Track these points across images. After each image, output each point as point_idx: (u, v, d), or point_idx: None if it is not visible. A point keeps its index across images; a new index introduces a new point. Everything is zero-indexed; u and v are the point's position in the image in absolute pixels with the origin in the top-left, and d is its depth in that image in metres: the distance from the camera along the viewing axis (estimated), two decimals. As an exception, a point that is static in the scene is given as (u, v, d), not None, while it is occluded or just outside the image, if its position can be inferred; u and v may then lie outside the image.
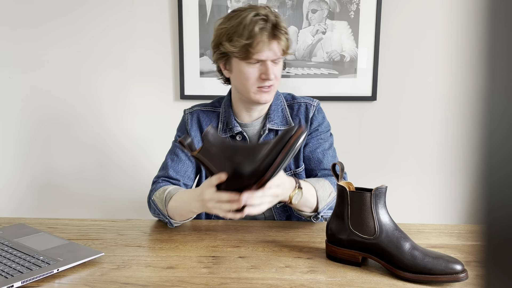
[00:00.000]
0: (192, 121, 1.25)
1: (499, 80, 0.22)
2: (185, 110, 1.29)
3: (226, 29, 1.10)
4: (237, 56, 1.09)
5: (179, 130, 1.29)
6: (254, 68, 1.10)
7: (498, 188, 0.23)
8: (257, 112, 1.21)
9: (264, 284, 0.79)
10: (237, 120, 1.22)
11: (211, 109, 1.26)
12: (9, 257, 0.87)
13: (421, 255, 0.81)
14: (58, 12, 1.92)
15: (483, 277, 0.24)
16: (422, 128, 1.93)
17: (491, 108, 0.23)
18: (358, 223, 0.87)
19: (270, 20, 1.08)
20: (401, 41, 1.87)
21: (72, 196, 2.05)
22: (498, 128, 0.23)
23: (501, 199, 0.23)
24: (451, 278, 0.78)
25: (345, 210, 0.89)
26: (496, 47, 0.22)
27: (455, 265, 0.79)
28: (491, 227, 0.24)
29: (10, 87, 1.98)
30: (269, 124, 1.19)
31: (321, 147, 1.21)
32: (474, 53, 0.23)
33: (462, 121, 1.88)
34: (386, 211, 0.86)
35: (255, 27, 1.05)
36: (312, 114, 1.22)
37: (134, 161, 2.01)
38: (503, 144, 0.22)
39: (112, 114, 1.98)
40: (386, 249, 0.83)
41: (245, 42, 1.06)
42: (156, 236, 1.05)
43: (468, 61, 1.73)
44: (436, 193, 1.97)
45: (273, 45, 1.08)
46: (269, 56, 1.09)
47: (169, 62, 1.93)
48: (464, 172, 1.93)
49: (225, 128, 1.21)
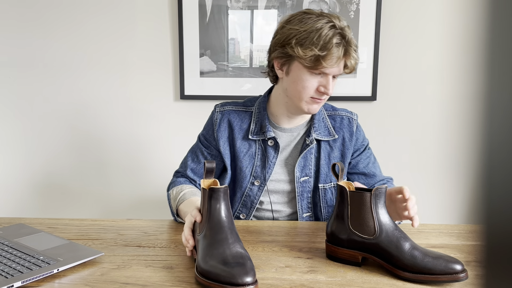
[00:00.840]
0: (221, 122, 1.19)
1: (499, 79, 0.22)
2: (215, 107, 1.23)
3: (297, 31, 1.05)
4: (304, 63, 1.05)
5: (206, 128, 1.24)
6: (315, 78, 1.07)
7: (498, 188, 0.23)
8: (299, 119, 1.19)
9: (264, 284, 0.79)
10: (273, 123, 1.19)
11: (243, 109, 1.21)
12: (9, 257, 0.87)
13: (421, 255, 0.81)
14: (58, 13, 1.92)
15: (483, 277, 0.24)
16: (422, 128, 1.93)
17: (491, 108, 0.23)
18: (358, 223, 0.87)
19: (346, 36, 1.05)
20: (401, 41, 1.87)
21: (72, 196, 2.05)
22: (498, 128, 0.23)
23: (501, 199, 0.23)
24: (451, 278, 0.78)
25: (345, 210, 0.89)
26: (496, 46, 0.22)
27: (455, 265, 0.79)
28: (491, 227, 0.24)
29: (10, 87, 1.98)
30: (315, 134, 1.17)
31: (371, 161, 1.23)
32: (474, 53, 0.23)
33: (462, 121, 1.88)
34: (386, 211, 0.86)
35: (333, 40, 1.02)
36: (355, 128, 1.22)
37: (134, 161, 2.01)
38: (503, 144, 0.22)
39: (112, 114, 1.98)
40: (386, 249, 0.83)
41: (319, 53, 1.02)
42: (156, 236, 1.05)
43: (468, 61, 1.73)
44: (436, 193, 1.97)
45: (342, 62, 1.07)
46: (335, 72, 1.07)
47: (169, 62, 1.93)
48: (464, 172, 1.93)
49: (257, 131, 1.18)
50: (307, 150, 1.17)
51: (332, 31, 1.03)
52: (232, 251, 0.79)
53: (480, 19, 0.23)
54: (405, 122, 1.93)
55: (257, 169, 1.18)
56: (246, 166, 1.18)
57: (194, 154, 1.23)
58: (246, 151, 1.18)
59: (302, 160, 1.17)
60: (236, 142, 1.18)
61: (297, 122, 1.20)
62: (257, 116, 1.19)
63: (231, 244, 0.80)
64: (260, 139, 1.18)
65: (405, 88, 1.91)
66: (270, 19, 1.87)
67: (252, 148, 1.18)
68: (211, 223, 0.83)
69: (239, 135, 1.19)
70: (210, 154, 1.22)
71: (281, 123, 1.19)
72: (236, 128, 1.19)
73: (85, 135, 2.01)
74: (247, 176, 1.19)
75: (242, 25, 1.88)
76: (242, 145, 1.18)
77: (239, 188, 1.20)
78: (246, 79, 1.91)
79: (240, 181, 1.19)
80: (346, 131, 1.20)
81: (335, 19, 1.05)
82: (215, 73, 1.91)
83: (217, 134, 1.19)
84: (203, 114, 1.96)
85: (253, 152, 1.18)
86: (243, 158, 1.18)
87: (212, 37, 1.88)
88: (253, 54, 1.89)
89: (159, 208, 2.03)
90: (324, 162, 1.18)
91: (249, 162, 1.18)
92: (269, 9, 1.86)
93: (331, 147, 1.19)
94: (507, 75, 0.22)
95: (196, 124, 1.97)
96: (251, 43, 1.88)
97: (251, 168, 1.18)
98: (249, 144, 1.18)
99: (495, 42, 0.22)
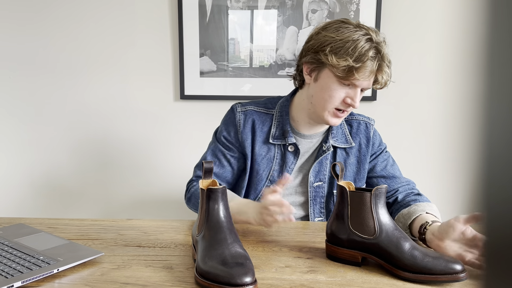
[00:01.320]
0: (246, 122, 1.17)
1: (499, 79, 0.22)
2: (236, 107, 1.19)
3: (333, 39, 1.04)
4: (336, 73, 1.04)
5: (226, 129, 1.19)
6: (343, 89, 1.06)
7: (498, 188, 0.23)
8: (318, 126, 1.18)
9: (264, 284, 0.79)
10: (294, 128, 1.18)
11: (264, 111, 1.18)
12: (9, 257, 0.87)
13: (421, 255, 0.81)
14: (58, 13, 1.92)
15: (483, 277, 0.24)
16: (422, 128, 1.93)
17: (491, 107, 0.23)
18: (358, 223, 0.87)
19: (381, 51, 1.04)
20: (401, 41, 1.87)
21: (72, 196, 2.05)
22: (498, 128, 0.23)
23: (501, 199, 0.23)
24: (451, 278, 0.78)
25: (345, 210, 0.89)
26: (496, 47, 0.22)
27: (455, 265, 0.79)
28: (491, 227, 0.24)
29: (10, 87, 1.98)
30: (332, 141, 1.16)
31: (389, 163, 1.22)
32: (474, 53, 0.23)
33: (462, 121, 1.88)
34: (386, 211, 0.86)
35: (368, 53, 1.02)
36: (372, 133, 1.21)
37: (134, 161, 2.01)
38: (503, 144, 0.22)
39: (112, 114, 1.98)
40: (386, 249, 0.83)
41: (353, 64, 1.01)
42: (156, 236, 1.05)
43: (467, 61, 1.73)
44: (436, 193, 1.97)
45: (372, 77, 1.07)
46: (365, 85, 1.06)
47: (169, 62, 1.93)
48: (464, 172, 1.93)
49: (278, 135, 1.16)
50: (323, 156, 1.16)
51: (368, 44, 1.02)
52: (231, 251, 0.79)
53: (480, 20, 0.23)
54: (405, 122, 1.93)
55: (274, 173, 1.17)
56: (263, 169, 1.17)
57: (214, 157, 1.18)
58: (264, 154, 1.17)
59: (317, 166, 1.17)
60: (256, 144, 1.16)
61: (317, 129, 1.19)
62: (278, 119, 1.17)
63: (230, 244, 0.80)
64: (280, 144, 1.17)
65: (405, 88, 1.91)
66: (270, 19, 1.87)
67: (271, 152, 1.17)
68: (209, 224, 0.83)
69: (260, 137, 1.17)
70: (233, 157, 1.18)
71: (301, 129, 1.18)
72: (258, 130, 1.17)
73: (85, 135, 2.01)
74: (263, 180, 1.17)
75: (242, 25, 1.88)
76: (261, 148, 1.16)
77: (254, 191, 1.19)
78: (246, 79, 1.91)
79: (255, 184, 1.18)
80: (363, 137, 1.20)
81: (372, 33, 1.04)
82: (215, 73, 1.91)
83: (241, 135, 1.17)
84: (203, 114, 1.97)
85: (272, 156, 1.17)
86: (261, 161, 1.17)
87: (212, 37, 1.88)
88: (253, 54, 1.89)
89: (159, 208, 2.03)
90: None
91: (266, 165, 1.17)
92: (269, 9, 1.86)
93: (347, 153, 1.18)
94: (507, 75, 0.22)
95: (196, 124, 1.97)
96: (251, 43, 1.88)
97: (268, 172, 1.17)
98: (268, 148, 1.17)
99: (495, 42, 0.22)
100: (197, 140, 1.99)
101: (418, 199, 1.13)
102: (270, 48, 1.89)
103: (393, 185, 1.19)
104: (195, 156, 1.98)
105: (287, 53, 1.88)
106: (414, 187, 1.20)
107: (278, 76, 1.90)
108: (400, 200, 1.15)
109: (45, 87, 1.98)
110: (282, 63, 1.89)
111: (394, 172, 1.21)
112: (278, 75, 1.90)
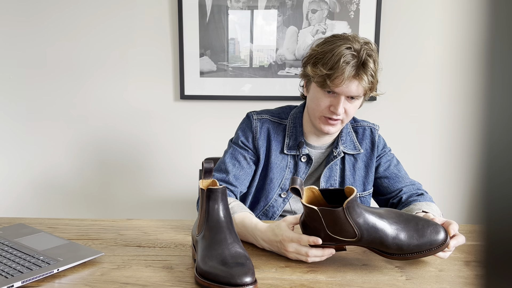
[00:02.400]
0: (261, 130, 1.19)
1: (499, 79, 0.22)
2: (252, 115, 1.22)
3: (317, 52, 1.08)
4: (315, 82, 1.09)
5: (244, 134, 1.20)
6: (327, 97, 1.09)
7: (498, 188, 0.23)
8: (326, 138, 1.20)
9: (264, 284, 0.79)
10: (305, 140, 1.20)
11: (278, 121, 1.21)
12: (9, 257, 0.87)
13: (406, 242, 0.82)
14: (58, 13, 1.92)
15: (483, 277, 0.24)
16: (421, 128, 1.93)
17: (491, 107, 0.23)
18: (336, 231, 0.83)
19: (359, 56, 1.04)
20: (401, 41, 1.87)
21: (72, 196, 2.05)
22: (498, 128, 0.23)
23: (501, 199, 0.23)
24: (437, 250, 0.83)
25: (321, 226, 0.84)
26: (496, 46, 0.22)
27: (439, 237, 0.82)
28: (491, 227, 0.24)
29: (10, 87, 1.98)
30: (342, 146, 1.18)
31: (392, 163, 1.23)
32: (474, 52, 0.23)
33: (462, 121, 1.88)
34: (363, 214, 0.82)
35: (341, 60, 1.02)
36: (377, 138, 1.23)
37: (134, 161, 2.01)
38: (503, 144, 0.22)
39: (112, 114, 1.98)
40: (370, 246, 0.84)
41: (326, 72, 1.04)
42: (156, 236, 1.05)
43: (468, 60, 1.73)
44: (436, 193, 1.97)
45: (353, 83, 1.05)
46: (345, 92, 1.06)
47: (169, 62, 1.93)
48: (464, 172, 1.93)
49: (292, 146, 1.18)
50: (333, 162, 1.18)
51: (345, 51, 1.03)
52: (231, 251, 0.79)
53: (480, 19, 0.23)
54: (405, 122, 1.93)
55: (286, 181, 1.19)
56: (276, 178, 1.19)
57: (234, 160, 1.18)
58: (279, 163, 1.19)
59: (327, 171, 1.19)
60: (272, 153, 1.19)
61: (325, 140, 1.21)
62: (291, 130, 1.20)
63: (230, 244, 0.80)
64: (294, 154, 1.19)
65: (405, 88, 1.91)
66: (270, 19, 1.87)
67: (284, 161, 1.19)
68: (209, 224, 0.83)
69: (275, 147, 1.19)
70: (252, 160, 1.19)
71: (310, 140, 1.20)
72: (273, 139, 1.19)
73: (85, 135, 2.01)
74: (275, 187, 1.19)
75: (242, 25, 1.88)
76: (276, 157, 1.19)
77: (264, 198, 1.20)
78: (246, 79, 1.91)
79: (267, 191, 1.20)
80: (369, 142, 1.22)
81: (355, 42, 1.05)
82: (215, 73, 1.91)
83: (258, 142, 1.19)
84: (203, 114, 1.97)
85: (285, 165, 1.19)
86: (275, 169, 1.19)
87: (212, 37, 1.88)
88: (253, 54, 1.89)
89: (159, 208, 2.03)
90: (349, 173, 1.19)
91: (279, 174, 1.19)
92: (269, 9, 1.86)
93: (355, 158, 1.21)
94: (507, 75, 0.22)
95: (196, 124, 1.97)
96: (251, 43, 1.88)
97: (280, 180, 1.19)
98: (282, 157, 1.19)
99: (495, 41, 0.22)
100: (197, 140, 1.99)
101: (418, 199, 1.13)
102: (270, 48, 1.89)
103: (397, 185, 1.19)
104: (195, 156, 1.98)
105: (287, 53, 1.88)
106: (419, 187, 1.20)
107: (278, 76, 1.90)
108: (403, 200, 1.17)
109: (45, 88, 1.98)
110: (282, 63, 1.89)
111: (397, 172, 1.22)
112: (278, 75, 1.90)
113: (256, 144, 1.19)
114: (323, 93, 1.09)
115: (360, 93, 1.08)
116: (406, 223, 0.84)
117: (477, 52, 0.23)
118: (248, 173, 1.19)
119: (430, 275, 0.84)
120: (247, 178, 1.19)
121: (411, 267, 0.87)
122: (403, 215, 0.86)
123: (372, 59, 1.05)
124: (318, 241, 0.83)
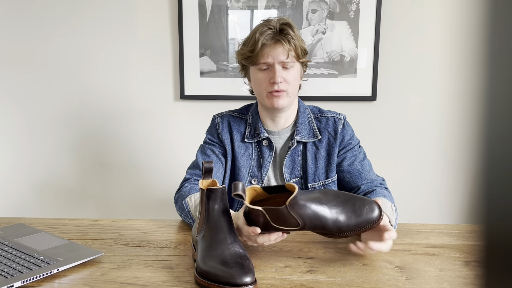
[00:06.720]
0: (223, 124, 1.28)
1: (499, 79, 0.22)
2: (214, 116, 1.32)
3: (243, 42, 1.19)
4: (246, 63, 1.17)
5: (210, 133, 1.30)
6: (264, 73, 1.16)
7: (498, 188, 0.23)
8: (282, 120, 1.24)
9: (264, 284, 0.79)
10: (264, 127, 1.25)
11: (239, 116, 1.29)
12: (9, 257, 0.87)
13: (345, 224, 0.85)
14: (58, 13, 1.92)
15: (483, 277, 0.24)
16: (422, 128, 1.93)
17: (491, 107, 0.23)
18: (280, 223, 0.85)
19: (275, 26, 1.13)
20: (401, 41, 1.87)
21: (72, 196, 2.05)
22: (498, 128, 0.23)
23: (501, 199, 0.23)
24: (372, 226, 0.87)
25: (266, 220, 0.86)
26: (496, 46, 0.22)
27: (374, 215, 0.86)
28: (491, 227, 0.24)
29: (10, 86, 1.99)
30: (297, 137, 1.21)
31: (357, 159, 1.23)
32: (474, 52, 0.23)
33: (462, 120, 1.88)
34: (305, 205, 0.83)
35: (257, 33, 1.13)
36: (340, 127, 1.24)
37: (134, 161, 2.01)
38: (503, 144, 0.22)
39: (112, 114, 1.98)
40: (313, 230, 0.87)
41: (249, 48, 1.14)
42: (156, 236, 1.05)
43: (468, 60, 1.73)
44: (436, 193, 1.97)
45: (278, 49, 1.13)
46: (274, 58, 1.13)
47: (169, 62, 1.93)
48: (464, 172, 1.93)
49: (252, 134, 1.25)
50: (292, 152, 1.22)
51: (260, 27, 1.14)
52: (231, 251, 0.79)
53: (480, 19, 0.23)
54: (405, 122, 1.93)
55: (254, 168, 1.24)
56: (243, 166, 1.24)
57: (204, 155, 1.27)
58: (243, 152, 1.25)
59: (290, 163, 1.23)
60: (235, 143, 1.26)
61: (282, 124, 1.24)
62: (251, 121, 1.26)
63: (230, 244, 0.80)
64: (255, 141, 1.25)
65: (405, 88, 1.91)
66: (270, 19, 1.87)
67: (249, 150, 1.25)
68: (209, 224, 0.83)
69: (237, 137, 1.26)
70: (220, 152, 1.26)
71: (269, 127, 1.25)
72: (235, 131, 1.26)
73: (85, 135, 2.01)
74: (244, 176, 1.24)
75: (242, 25, 1.88)
76: (239, 147, 1.25)
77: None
78: (246, 79, 1.91)
79: (238, 180, 1.23)
80: (331, 131, 1.24)
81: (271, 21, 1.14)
82: (215, 73, 1.91)
83: (221, 135, 1.27)
84: (203, 114, 1.97)
85: (250, 153, 1.25)
86: (241, 158, 1.25)
87: (212, 37, 1.88)
88: (253, 54, 1.89)
89: (159, 208, 2.03)
90: (311, 162, 1.22)
91: (246, 162, 1.25)
92: (269, 9, 1.86)
93: (317, 148, 1.23)
94: (507, 75, 0.22)
95: (196, 124, 1.97)
96: (251, 43, 1.88)
97: (248, 168, 1.25)
98: (246, 146, 1.25)
99: (495, 42, 0.22)
100: (197, 140, 1.98)
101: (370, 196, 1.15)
102: (270, 48, 1.88)
103: (357, 182, 1.22)
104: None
105: (287, 53, 1.88)
106: (377, 184, 1.20)
107: (278, 76, 1.90)
108: None
109: (45, 87, 1.98)
110: (282, 63, 1.89)
111: (360, 169, 1.22)
112: (278, 75, 1.90)
113: (221, 137, 1.26)
114: (259, 70, 1.16)
115: (289, 58, 1.13)
116: (344, 205, 0.87)
117: (477, 51, 0.23)
118: (219, 167, 1.24)
119: (430, 275, 0.84)
120: (219, 170, 1.24)
121: (411, 267, 0.87)
122: (340, 196, 0.89)
123: (288, 27, 1.14)
124: (256, 230, 0.86)
